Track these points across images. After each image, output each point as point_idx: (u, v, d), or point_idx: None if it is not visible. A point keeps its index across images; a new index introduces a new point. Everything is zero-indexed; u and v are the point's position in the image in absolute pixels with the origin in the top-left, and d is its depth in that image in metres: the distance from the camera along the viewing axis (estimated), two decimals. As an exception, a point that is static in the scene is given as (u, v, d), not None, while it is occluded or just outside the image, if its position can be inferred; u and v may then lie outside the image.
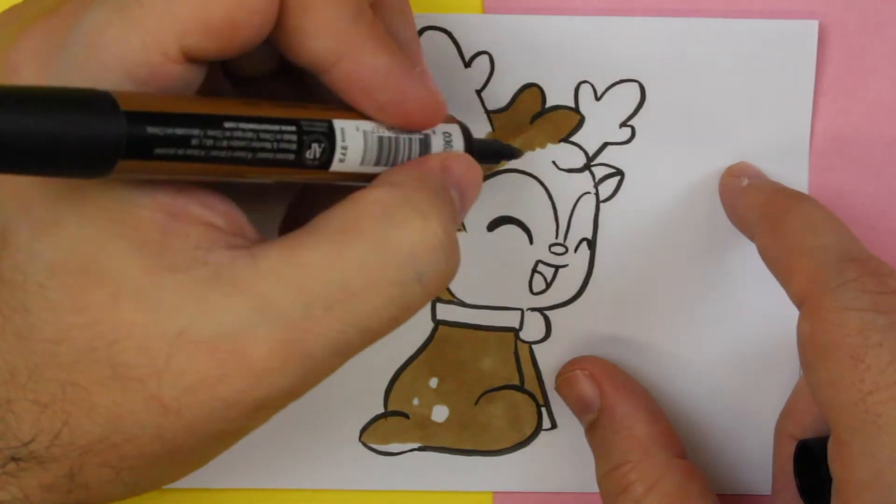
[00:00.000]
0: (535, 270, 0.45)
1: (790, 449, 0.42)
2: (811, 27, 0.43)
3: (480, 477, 0.46)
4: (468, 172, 0.36)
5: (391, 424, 0.46)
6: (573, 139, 0.44)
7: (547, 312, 0.46)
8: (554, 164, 0.45)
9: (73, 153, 0.28)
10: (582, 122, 0.44)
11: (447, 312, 0.45)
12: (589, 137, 0.44)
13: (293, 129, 0.32)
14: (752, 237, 0.41)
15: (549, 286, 0.45)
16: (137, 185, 0.32)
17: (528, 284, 0.45)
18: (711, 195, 0.44)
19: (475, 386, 0.46)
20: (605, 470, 0.43)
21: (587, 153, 0.44)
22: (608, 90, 0.44)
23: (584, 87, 0.44)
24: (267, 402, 0.32)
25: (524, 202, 0.45)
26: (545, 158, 0.45)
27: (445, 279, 0.33)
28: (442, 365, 0.46)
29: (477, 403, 0.46)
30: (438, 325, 0.46)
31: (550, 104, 0.44)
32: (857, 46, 0.44)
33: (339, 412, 0.46)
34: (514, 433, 0.46)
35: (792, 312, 0.38)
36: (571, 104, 0.44)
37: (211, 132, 0.30)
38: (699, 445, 0.46)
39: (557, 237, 0.45)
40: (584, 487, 0.46)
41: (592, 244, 0.45)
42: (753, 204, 0.41)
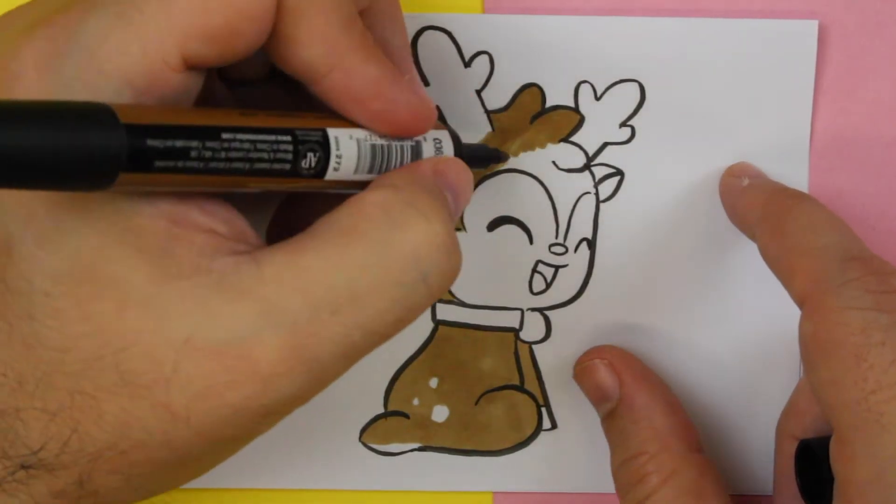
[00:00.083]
0: (535, 270, 0.45)
1: (791, 449, 0.41)
2: (811, 27, 0.43)
3: (480, 477, 0.46)
4: (460, 175, 0.36)
5: (391, 424, 0.46)
6: (573, 139, 0.44)
7: (547, 312, 0.45)
8: (554, 164, 0.45)
9: (74, 167, 0.28)
10: (582, 122, 0.44)
11: (447, 312, 0.45)
12: (589, 137, 0.44)
13: (289, 138, 0.32)
14: (752, 237, 0.41)
15: (549, 286, 0.45)
16: (140, 193, 0.31)
17: (528, 284, 0.45)
18: (711, 195, 0.44)
19: (475, 386, 0.46)
20: (620, 460, 0.43)
21: (587, 153, 0.44)
22: (608, 90, 0.44)
23: (583, 87, 0.44)
24: (275, 407, 0.32)
25: (524, 202, 0.45)
26: (545, 158, 0.45)
27: (449, 279, 0.33)
28: (442, 365, 0.46)
29: (477, 403, 0.46)
30: (438, 325, 0.46)
31: (550, 104, 0.44)
32: (857, 46, 0.44)
33: (339, 412, 0.46)
34: (514, 433, 0.46)
35: (792, 312, 0.38)
36: (571, 104, 0.44)
37: (209, 143, 0.30)
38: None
39: (557, 237, 0.45)
40: (584, 487, 0.46)
41: (592, 244, 0.45)
42: (754, 204, 0.41)
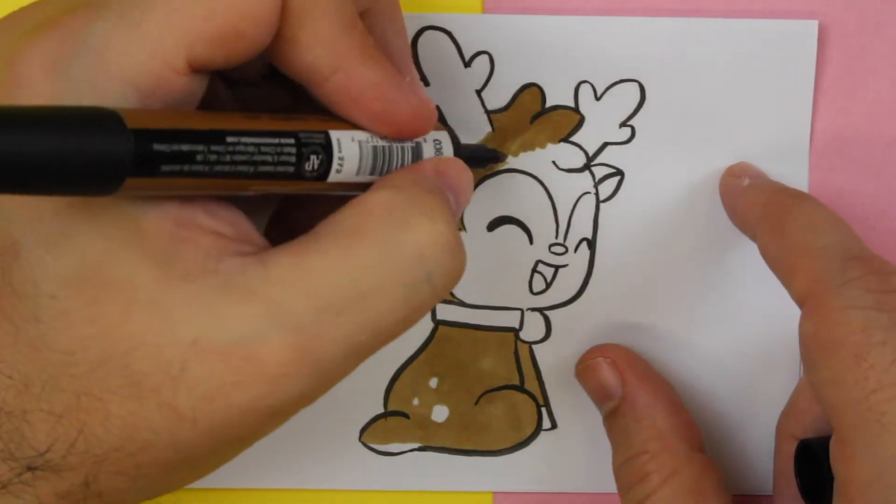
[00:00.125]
0: (535, 270, 0.45)
1: (791, 449, 0.41)
2: (811, 27, 0.43)
3: (480, 477, 0.46)
4: (461, 176, 0.36)
5: (391, 424, 0.46)
6: (573, 139, 0.44)
7: (547, 312, 0.45)
8: (554, 164, 0.45)
9: (81, 173, 0.28)
10: (582, 122, 0.44)
11: (447, 312, 0.45)
12: (589, 137, 0.44)
13: (292, 141, 0.33)
14: (753, 237, 0.41)
15: (549, 286, 0.45)
16: (145, 197, 0.31)
17: (528, 284, 0.45)
18: (711, 195, 0.44)
19: (475, 386, 0.46)
20: (622, 459, 0.43)
21: (587, 153, 0.44)
22: (608, 90, 0.44)
23: (583, 87, 0.44)
24: (281, 407, 0.32)
25: (524, 202, 0.45)
26: (545, 158, 0.45)
27: (454, 278, 0.33)
28: (442, 365, 0.46)
29: (477, 403, 0.46)
30: (438, 325, 0.46)
31: (550, 104, 0.44)
32: (857, 46, 0.44)
33: (339, 412, 0.46)
34: (514, 433, 0.46)
35: (792, 312, 0.38)
36: (571, 104, 0.44)
37: (214, 147, 0.31)
38: (700, 445, 0.46)
39: (557, 237, 0.45)
40: (584, 487, 0.46)
41: (592, 244, 0.45)
42: (754, 204, 0.41)
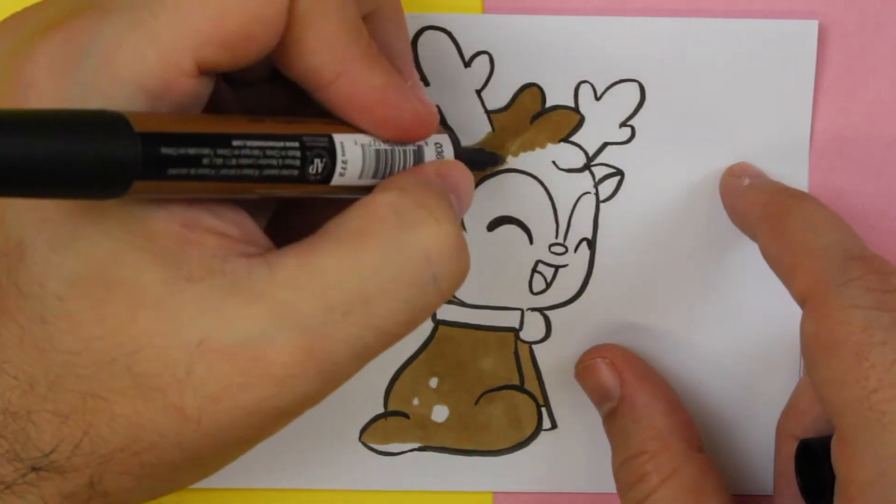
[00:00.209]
0: (535, 270, 0.45)
1: (791, 448, 0.41)
2: (811, 27, 0.43)
3: (480, 477, 0.46)
4: (462, 178, 0.37)
5: (391, 424, 0.46)
6: (573, 139, 0.44)
7: (547, 312, 0.45)
8: (554, 164, 0.45)
9: (88, 177, 0.28)
10: (582, 122, 0.44)
11: (447, 312, 0.45)
12: (589, 137, 0.44)
13: (297, 145, 0.33)
14: (753, 237, 0.41)
15: (549, 286, 0.45)
16: (151, 199, 0.32)
17: (528, 284, 0.45)
18: (711, 195, 0.44)
19: (475, 386, 0.46)
20: (621, 459, 0.43)
21: (587, 153, 0.44)
22: (608, 90, 0.44)
23: (583, 87, 0.44)
24: (287, 408, 0.32)
25: (524, 202, 0.45)
26: (545, 158, 0.45)
27: (459, 279, 0.34)
28: (442, 365, 0.46)
29: (477, 403, 0.46)
30: (438, 324, 0.46)
31: (550, 104, 0.44)
32: (857, 46, 0.44)
33: (339, 412, 0.46)
34: (514, 433, 0.46)
35: (793, 312, 0.38)
36: (571, 104, 0.44)
37: (220, 151, 0.31)
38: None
39: (557, 237, 0.45)
40: (584, 487, 0.46)
41: (592, 244, 0.45)
42: (755, 204, 0.41)
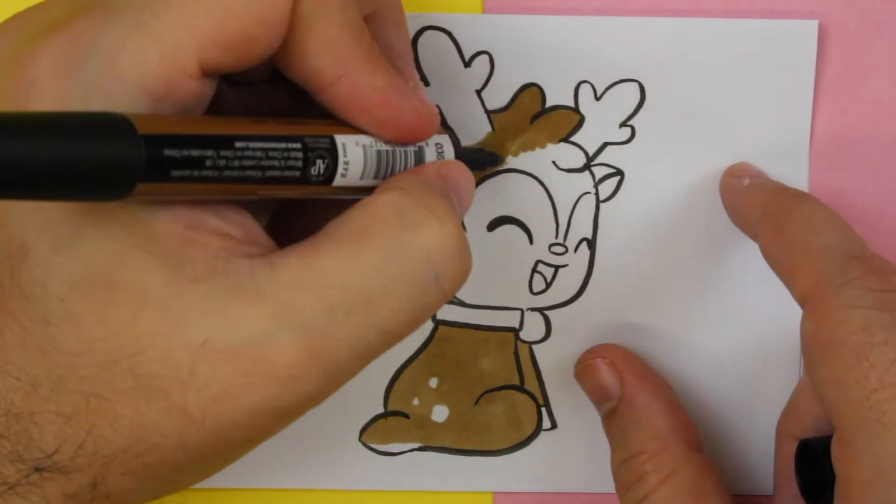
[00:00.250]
0: (535, 270, 0.45)
1: (791, 449, 0.41)
2: (811, 27, 0.43)
3: (480, 477, 0.46)
4: (463, 178, 0.37)
5: (391, 424, 0.46)
6: (573, 139, 0.44)
7: (547, 312, 0.45)
8: (554, 164, 0.45)
9: (92, 179, 0.28)
10: (582, 122, 0.44)
11: (447, 312, 0.45)
12: (589, 137, 0.44)
13: (299, 146, 0.33)
14: (753, 237, 0.41)
15: (549, 286, 0.45)
16: (154, 200, 0.32)
17: (528, 284, 0.45)
18: (711, 195, 0.44)
19: (475, 386, 0.46)
20: (620, 459, 0.43)
21: (587, 153, 0.44)
22: (608, 90, 0.44)
23: (583, 87, 0.44)
24: (290, 408, 0.32)
25: (524, 202, 0.45)
26: (545, 158, 0.45)
27: (461, 279, 0.34)
28: (442, 365, 0.46)
29: (477, 403, 0.46)
30: (438, 324, 0.46)
31: (550, 104, 0.44)
32: (857, 46, 0.44)
33: (339, 412, 0.46)
34: (514, 433, 0.46)
35: (792, 312, 0.38)
36: (571, 104, 0.44)
37: (223, 152, 0.31)
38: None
39: (557, 237, 0.45)
40: (584, 487, 0.46)
41: (592, 244, 0.45)
42: (755, 204, 0.41)
